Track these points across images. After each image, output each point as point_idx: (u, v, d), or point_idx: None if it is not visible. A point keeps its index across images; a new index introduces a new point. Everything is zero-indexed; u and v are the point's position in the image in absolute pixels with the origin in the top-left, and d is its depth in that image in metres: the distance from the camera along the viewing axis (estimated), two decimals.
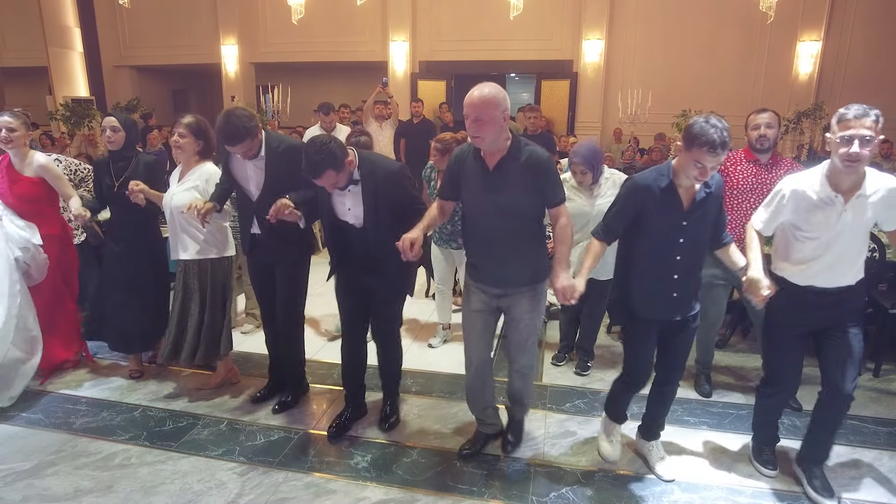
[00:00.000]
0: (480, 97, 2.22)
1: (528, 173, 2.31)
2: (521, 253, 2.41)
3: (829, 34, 10.09)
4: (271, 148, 2.85)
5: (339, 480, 2.57)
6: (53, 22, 11.45)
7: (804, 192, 2.30)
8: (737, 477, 2.62)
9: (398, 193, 2.66)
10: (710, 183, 2.27)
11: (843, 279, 2.36)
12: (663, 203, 2.29)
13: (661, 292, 2.39)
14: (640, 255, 2.41)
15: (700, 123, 2.11)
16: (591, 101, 11.13)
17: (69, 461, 2.69)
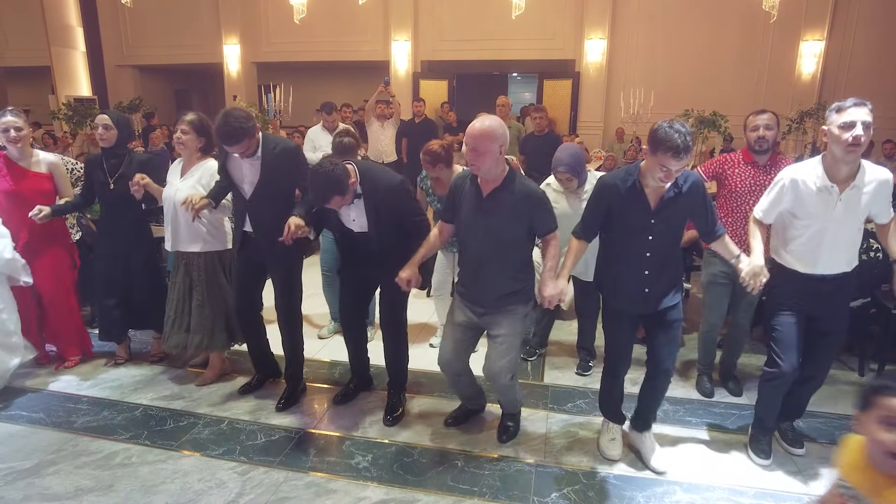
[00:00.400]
0: (480, 130, 2.35)
1: (521, 206, 2.46)
2: (506, 276, 2.54)
3: (833, 33, 10.06)
4: (268, 149, 2.89)
5: (340, 480, 2.56)
6: (56, 21, 11.47)
7: (803, 181, 2.42)
8: (739, 478, 2.60)
9: (399, 206, 2.78)
10: (679, 183, 2.36)
11: (838, 266, 2.48)
12: (629, 201, 2.39)
13: (633, 287, 2.50)
14: (612, 250, 2.56)
15: (664, 128, 2.20)
16: (594, 100, 11.12)
17: (70, 460, 2.69)
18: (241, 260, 3.12)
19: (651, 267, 2.45)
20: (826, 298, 2.52)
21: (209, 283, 3.28)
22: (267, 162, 2.88)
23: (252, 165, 2.89)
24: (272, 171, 2.89)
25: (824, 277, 2.49)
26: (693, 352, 3.84)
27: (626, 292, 2.52)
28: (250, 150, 2.82)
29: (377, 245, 2.80)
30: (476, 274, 2.59)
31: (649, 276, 2.46)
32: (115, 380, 3.46)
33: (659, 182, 2.31)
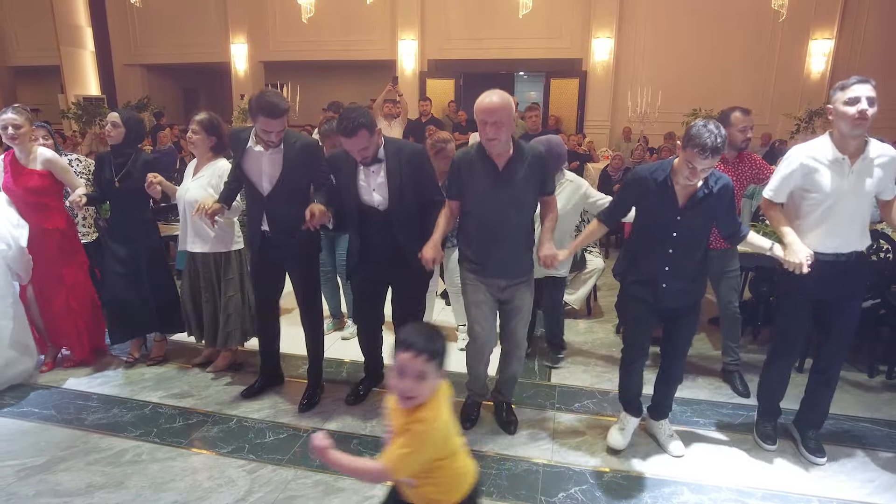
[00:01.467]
0: (500, 102, 2.42)
1: (533, 170, 2.57)
2: (524, 244, 2.67)
3: (842, 32, 10.00)
4: (289, 143, 2.88)
5: (348, 479, 2.57)
6: (65, 21, 11.56)
7: (813, 155, 2.45)
8: (747, 478, 2.60)
9: (422, 174, 2.81)
10: (711, 184, 2.38)
11: (851, 243, 2.48)
12: (658, 196, 2.43)
13: (651, 280, 2.53)
14: (637, 241, 2.62)
15: (698, 126, 2.24)
16: (601, 99, 11.10)
17: (81, 457, 2.72)
18: (259, 261, 3.10)
19: (672, 263, 2.47)
20: (838, 281, 2.50)
21: (219, 282, 3.35)
22: (289, 156, 2.87)
23: (273, 160, 2.88)
24: (293, 166, 2.87)
25: (837, 258, 2.48)
26: (699, 351, 3.84)
27: (643, 285, 2.56)
28: (370, 151, 2.69)
29: (396, 225, 2.78)
30: (493, 249, 2.63)
31: (669, 272, 2.49)
32: (125, 378, 3.49)
33: (686, 180, 2.34)
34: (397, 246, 2.80)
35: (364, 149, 2.65)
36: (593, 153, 9.39)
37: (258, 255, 3.09)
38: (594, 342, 4.09)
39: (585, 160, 8.60)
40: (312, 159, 2.94)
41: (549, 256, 2.54)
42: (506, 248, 2.62)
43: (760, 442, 2.82)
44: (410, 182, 2.76)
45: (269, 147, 2.85)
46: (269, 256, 3.05)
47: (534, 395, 3.31)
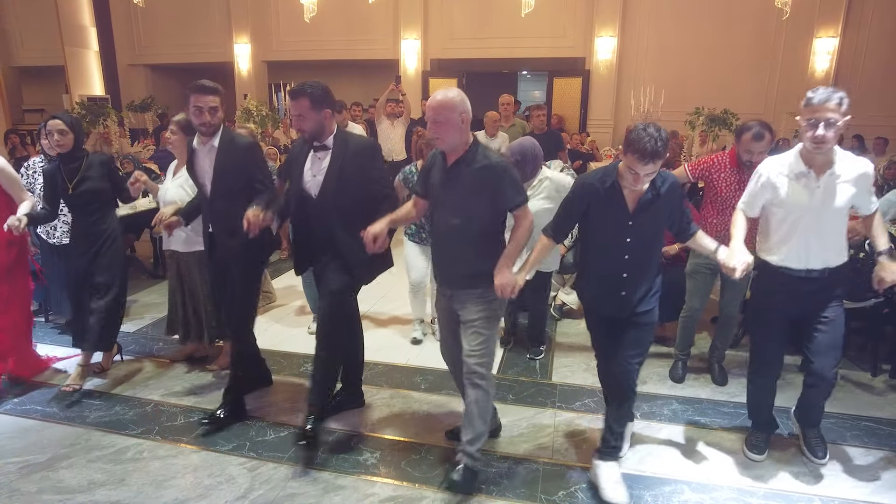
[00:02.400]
0: (441, 100, 2.33)
1: (481, 177, 2.34)
2: (470, 254, 2.41)
3: (847, 30, 9.95)
4: (224, 141, 2.87)
5: (348, 476, 2.58)
6: (70, 21, 11.60)
7: (780, 168, 2.43)
8: (748, 478, 2.59)
9: (367, 167, 2.74)
10: (658, 185, 2.29)
11: (823, 259, 2.44)
12: (608, 202, 2.33)
13: (610, 290, 2.42)
14: (591, 253, 2.51)
15: (638, 130, 2.15)
16: (604, 98, 11.07)
17: (83, 454, 2.73)
18: (211, 263, 3.10)
19: (629, 270, 2.37)
20: (812, 297, 2.47)
21: (195, 279, 3.42)
22: (221, 155, 2.85)
23: (210, 158, 2.89)
24: (226, 165, 2.84)
25: (809, 273, 2.44)
26: (701, 350, 3.83)
27: (602, 296, 2.45)
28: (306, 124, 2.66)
29: (330, 212, 2.69)
30: (442, 252, 2.52)
31: (627, 279, 2.38)
32: (127, 376, 3.50)
33: (631, 185, 2.26)
34: (332, 239, 2.74)
35: (299, 116, 2.63)
36: (596, 152, 9.38)
37: (209, 256, 3.09)
38: None
39: (588, 159, 8.59)
40: (247, 159, 2.88)
41: (502, 286, 2.30)
42: (449, 255, 2.47)
43: (747, 451, 2.75)
44: (353, 175, 2.69)
45: (205, 131, 2.81)
46: (217, 257, 3.02)
47: (534, 394, 3.31)
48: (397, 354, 3.81)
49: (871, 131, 8.92)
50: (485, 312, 2.44)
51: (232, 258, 2.91)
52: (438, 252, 2.55)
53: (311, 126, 2.66)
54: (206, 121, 2.78)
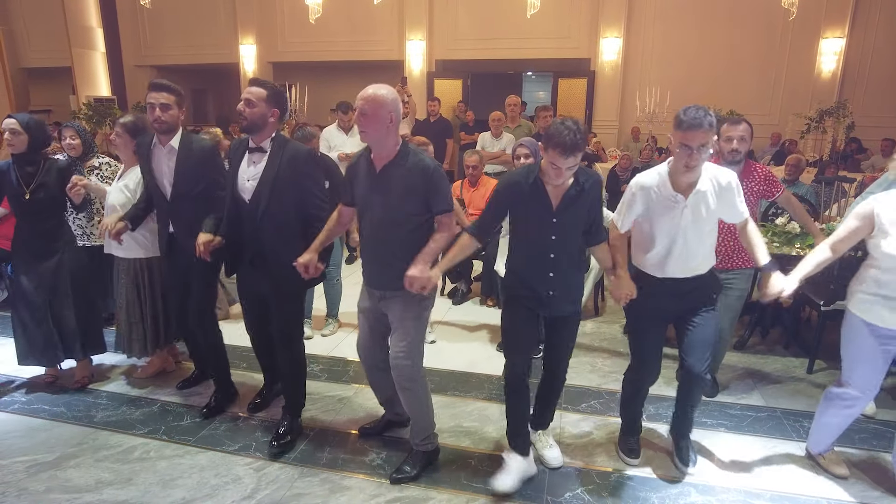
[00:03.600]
0: (371, 94, 2.31)
1: (414, 180, 2.34)
2: (400, 256, 2.38)
3: (854, 31, 9.90)
4: (184, 145, 2.90)
5: (354, 477, 2.58)
6: (77, 23, 11.67)
7: (650, 189, 2.42)
8: (755, 480, 2.58)
9: (302, 177, 2.66)
10: (581, 181, 2.33)
11: (694, 269, 2.48)
12: (532, 200, 2.35)
13: (536, 288, 2.43)
14: (517, 251, 2.50)
15: (556, 124, 2.19)
16: (609, 99, 11.06)
17: (90, 454, 2.74)
18: (169, 265, 3.10)
19: (555, 268, 2.39)
20: (686, 297, 2.51)
21: (141, 286, 3.27)
22: (182, 157, 2.89)
23: (170, 160, 2.91)
24: (186, 168, 2.88)
25: (683, 280, 2.48)
26: None
27: (530, 293, 2.45)
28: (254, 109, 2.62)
29: (262, 221, 2.63)
30: (373, 254, 2.49)
31: (554, 277, 2.40)
32: (133, 376, 3.51)
33: (554, 181, 2.29)
34: (262, 249, 2.68)
35: (248, 101, 2.60)
36: (602, 153, 9.37)
37: (167, 258, 3.08)
38: (602, 342, 4.08)
39: (594, 160, 8.57)
40: (207, 164, 2.92)
41: (412, 277, 2.28)
42: (379, 257, 2.46)
43: (623, 457, 2.73)
44: (287, 183, 2.63)
45: (157, 128, 2.84)
46: (179, 260, 3.01)
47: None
48: None
49: (877, 133, 8.90)
50: (413, 313, 2.46)
51: (192, 258, 2.87)
52: (369, 254, 2.52)
53: (255, 116, 2.61)
54: (156, 116, 2.81)
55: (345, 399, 3.25)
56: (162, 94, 2.81)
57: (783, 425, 3.02)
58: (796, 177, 5.19)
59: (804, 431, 2.88)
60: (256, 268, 2.75)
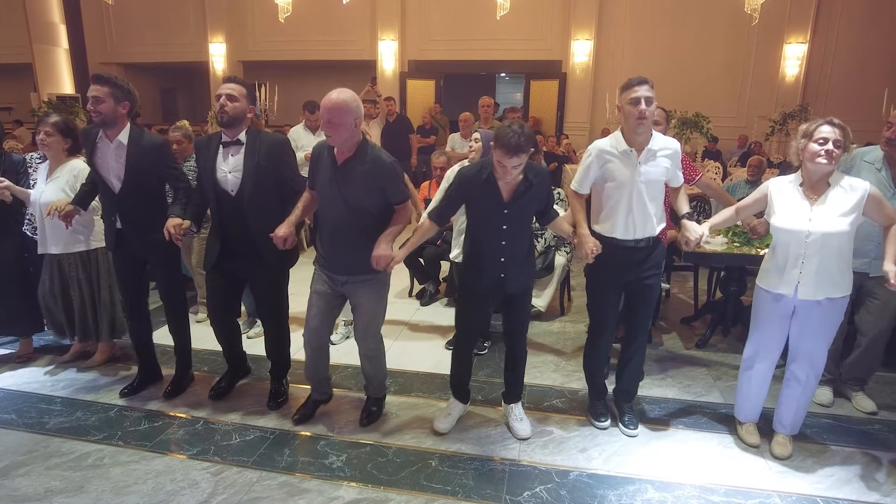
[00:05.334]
0: (336, 102, 2.45)
1: (372, 175, 2.55)
2: (363, 244, 2.59)
3: (815, 36, 10.19)
4: (133, 141, 2.90)
5: (313, 480, 2.56)
6: (38, 18, 11.35)
7: (605, 148, 2.71)
8: (710, 476, 2.63)
9: (281, 164, 2.84)
10: (530, 177, 2.57)
11: (648, 228, 2.72)
12: (485, 193, 2.59)
13: (490, 272, 2.69)
14: (472, 237, 2.74)
15: (504, 127, 2.42)
16: (580, 101, 11.18)
17: (41, 461, 2.66)
18: (120, 258, 3.11)
19: (506, 254, 2.65)
20: (639, 264, 2.76)
21: (88, 279, 3.42)
22: (132, 153, 2.89)
23: (118, 156, 2.90)
24: (137, 164, 2.89)
25: (637, 243, 2.72)
26: (669, 349, 3.88)
27: (484, 277, 2.70)
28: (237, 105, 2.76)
29: (249, 210, 2.79)
30: (332, 242, 2.67)
31: (505, 262, 2.66)
32: (91, 380, 3.42)
33: (501, 178, 2.52)
34: (250, 235, 2.83)
35: (231, 96, 2.73)
36: (572, 154, 9.46)
37: (116, 253, 3.10)
38: (566, 341, 4.11)
39: (564, 161, 8.66)
40: (159, 159, 2.96)
41: (377, 257, 2.55)
42: (343, 244, 2.65)
43: (592, 420, 3.01)
44: (268, 169, 2.79)
45: (94, 118, 2.83)
46: (129, 255, 3.06)
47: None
48: None
49: None
50: (378, 294, 2.78)
51: (148, 253, 3.01)
52: (331, 243, 2.69)
53: (236, 111, 2.75)
54: (90, 108, 2.82)
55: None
56: (95, 86, 2.81)
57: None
58: (759, 177, 5.32)
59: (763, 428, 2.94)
60: (244, 255, 2.89)
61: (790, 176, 2.63)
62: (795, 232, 2.51)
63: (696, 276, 4.72)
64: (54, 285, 3.42)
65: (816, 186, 2.51)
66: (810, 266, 2.51)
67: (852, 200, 2.46)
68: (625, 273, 2.78)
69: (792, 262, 2.55)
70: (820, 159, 2.41)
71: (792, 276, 2.56)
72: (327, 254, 2.72)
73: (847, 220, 2.45)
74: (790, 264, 2.56)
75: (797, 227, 2.50)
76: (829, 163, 2.41)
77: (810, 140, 2.45)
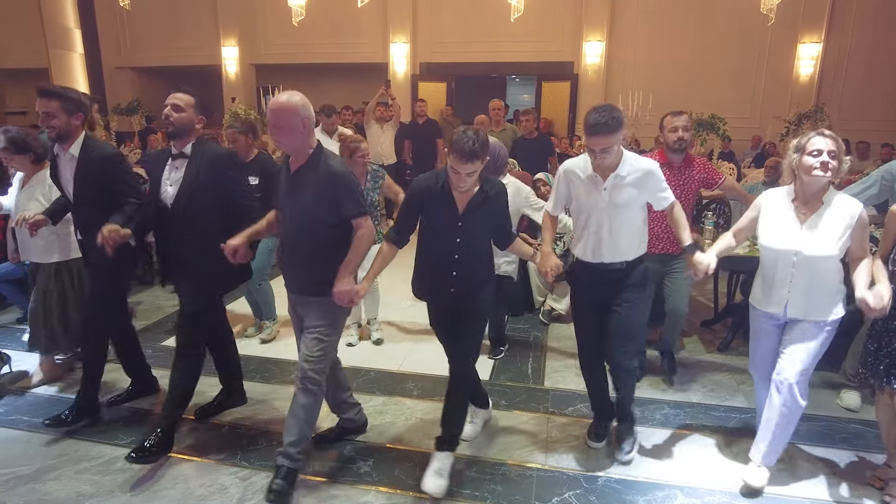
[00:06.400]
0: (280, 104, 2.32)
1: (323, 185, 2.38)
2: (316, 261, 2.42)
3: (830, 36, 10.09)
4: (85, 152, 2.86)
5: (342, 485, 2.56)
6: (54, 23, 11.44)
7: (573, 170, 2.64)
8: (739, 482, 2.60)
9: (223, 178, 2.72)
10: (486, 189, 2.47)
11: (617, 255, 2.63)
12: (439, 204, 2.48)
13: (441, 286, 2.58)
14: (424, 250, 2.63)
15: (459, 133, 2.33)
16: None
17: (71, 465, 2.69)
18: (88, 268, 3.11)
19: (458, 268, 2.52)
20: (613, 286, 2.66)
21: (51, 291, 3.33)
22: (82, 166, 2.85)
23: (71, 167, 2.89)
24: (86, 176, 2.85)
25: (610, 266, 2.64)
26: (691, 354, 3.86)
27: (434, 290, 2.62)
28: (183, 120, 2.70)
29: (183, 223, 2.68)
30: (291, 257, 2.54)
31: (456, 276, 2.53)
32: (117, 384, 3.44)
33: (456, 185, 2.42)
34: (182, 249, 2.74)
35: (176, 106, 2.68)
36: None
37: (85, 264, 3.11)
38: None
39: None
40: (108, 170, 2.87)
41: (340, 294, 2.35)
42: (297, 261, 2.49)
43: (586, 439, 2.90)
44: (207, 183, 2.67)
45: (49, 134, 2.81)
46: (88, 263, 3.05)
47: (527, 399, 3.32)
48: (389, 361, 3.80)
49: (854, 136, 9.04)
50: (327, 320, 2.48)
51: (97, 264, 2.93)
52: (288, 257, 2.57)
53: (182, 121, 2.69)
54: (48, 126, 2.77)
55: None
56: (42, 100, 2.76)
57: None
58: (776, 179, 5.27)
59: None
60: (181, 270, 2.80)
61: (783, 189, 2.53)
62: (783, 251, 2.44)
63: (717, 280, 4.69)
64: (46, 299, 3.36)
65: (810, 202, 2.42)
66: (798, 286, 2.44)
67: (843, 222, 2.37)
68: (597, 292, 2.70)
69: (780, 282, 2.48)
70: (816, 171, 2.32)
71: (781, 295, 2.49)
72: (284, 269, 2.61)
73: (837, 244, 2.37)
74: (778, 284, 2.49)
75: (785, 247, 2.43)
76: (826, 173, 2.31)
77: (804, 154, 2.36)
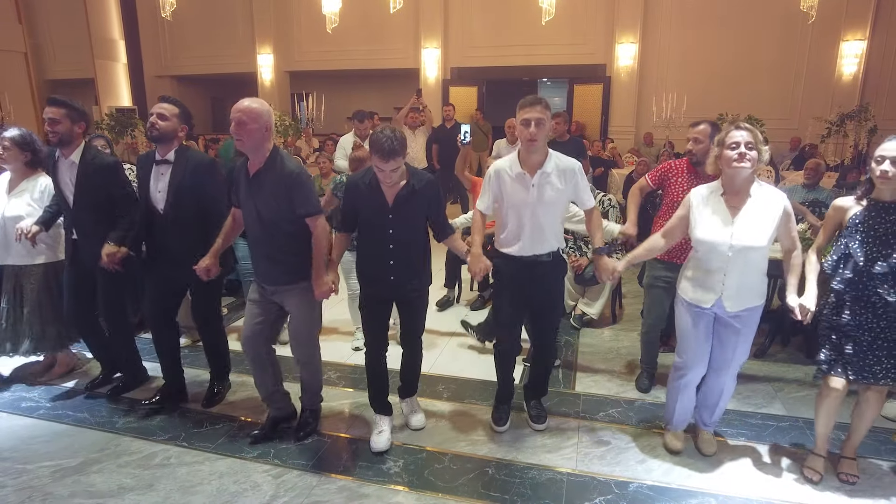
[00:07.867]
0: (246, 105, 2.53)
1: (280, 185, 2.58)
2: (282, 253, 2.67)
3: (875, 33, 9.75)
4: (86, 159, 3.04)
5: (372, 485, 2.59)
6: (100, 35, 11.94)
7: (503, 169, 2.75)
8: (775, 491, 2.54)
9: (204, 184, 2.94)
10: (412, 182, 2.65)
11: (544, 246, 2.77)
12: (369, 198, 2.66)
13: (379, 276, 2.75)
14: (362, 243, 2.81)
15: (377, 133, 2.51)
16: (625, 105, 11.01)
17: (113, 459, 2.79)
18: (73, 269, 3.22)
19: (395, 257, 2.69)
20: (539, 280, 2.80)
21: (41, 291, 3.36)
22: (82, 172, 3.04)
23: (71, 172, 3.05)
24: (85, 183, 3.04)
25: (536, 259, 2.76)
26: None
27: (375, 280, 2.77)
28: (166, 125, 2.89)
29: (173, 227, 2.92)
30: (260, 253, 2.73)
31: (394, 265, 2.71)
32: (154, 383, 3.56)
33: (382, 181, 2.59)
34: (172, 251, 2.95)
35: (161, 115, 2.87)
36: (618, 159, 9.32)
37: (71, 263, 3.21)
38: (619, 350, 4.05)
39: (611, 166, 8.54)
40: (108, 179, 3.07)
41: (321, 294, 2.67)
42: (266, 256, 2.69)
43: (492, 423, 3.02)
44: (190, 190, 2.89)
45: (50, 139, 2.99)
46: (82, 265, 3.16)
47: (558, 404, 3.29)
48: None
49: None
50: (309, 301, 2.77)
51: (97, 266, 3.06)
52: (256, 254, 2.76)
53: (166, 129, 2.88)
54: (46, 129, 2.98)
55: (362, 406, 3.26)
56: (49, 108, 2.97)
57: (805, 435, 2.96)
58: (816, 181, 5.12)
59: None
60: (176, 269, 2.96)
61: (711, 184, 2.59)
62: (718, 245, 2.47)
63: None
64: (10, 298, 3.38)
65: (738, 195, 2.47)
66: (732, 279, 2.49)
67: (771, 213, 2.44)
68: (525, 284, 2.81)
69: (714, 276, 2.52)
70: (735, 164, 2.39)
71: (714, 289, 2.53)
72: (254, 263, 2.81)
73: (767, 234, 2.43)
74: (712, 278, 2.53)
75: (719, 240, 2.46)
76: (743, 163, 2.38)
77: (724, 147, 2.43)
